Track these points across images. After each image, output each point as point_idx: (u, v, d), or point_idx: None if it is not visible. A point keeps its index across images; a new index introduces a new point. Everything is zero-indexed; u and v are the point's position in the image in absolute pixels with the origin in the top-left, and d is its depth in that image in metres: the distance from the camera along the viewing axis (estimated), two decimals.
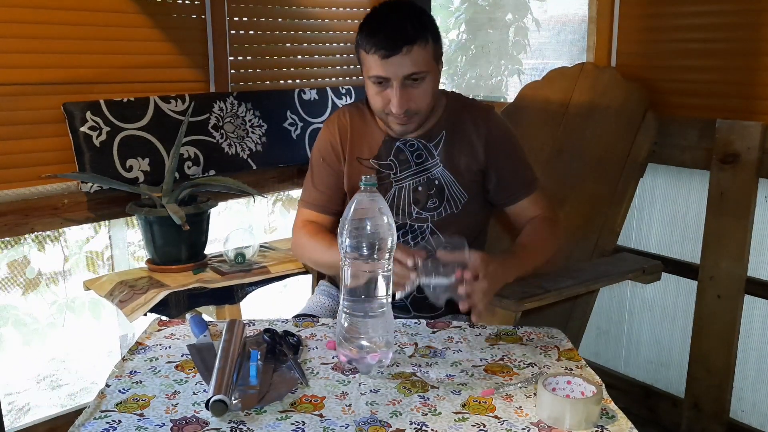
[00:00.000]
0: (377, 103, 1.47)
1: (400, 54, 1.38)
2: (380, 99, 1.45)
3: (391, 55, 1.38)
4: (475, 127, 1.56)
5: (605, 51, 2.30)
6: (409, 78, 1.41)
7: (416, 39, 1.39)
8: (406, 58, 1.38)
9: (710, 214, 2.05)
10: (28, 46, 2.05)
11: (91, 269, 3.32)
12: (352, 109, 1.63)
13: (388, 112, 1.46)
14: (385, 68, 1.40)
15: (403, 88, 1.41)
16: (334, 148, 1.59)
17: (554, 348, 1.26)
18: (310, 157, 1.65)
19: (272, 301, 2.94)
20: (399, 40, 1.38)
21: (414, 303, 1.60)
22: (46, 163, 2.10)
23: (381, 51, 1.38)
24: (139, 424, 0.99)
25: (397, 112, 1.43)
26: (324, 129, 1.64)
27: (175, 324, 1.37)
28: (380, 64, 1.40)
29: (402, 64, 1.39)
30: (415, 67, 1.40)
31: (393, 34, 1.39)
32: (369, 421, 1.00)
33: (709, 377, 2.10)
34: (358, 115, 1.61)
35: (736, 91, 2.02)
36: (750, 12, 1.97)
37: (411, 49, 1.38)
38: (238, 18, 2.49)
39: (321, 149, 1.62)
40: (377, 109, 1.48)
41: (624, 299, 2.45)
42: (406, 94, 1.42)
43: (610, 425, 0.99)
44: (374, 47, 1.39)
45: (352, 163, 1.58)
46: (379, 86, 1.44)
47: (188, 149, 2.31)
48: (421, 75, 1.41)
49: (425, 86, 1.44)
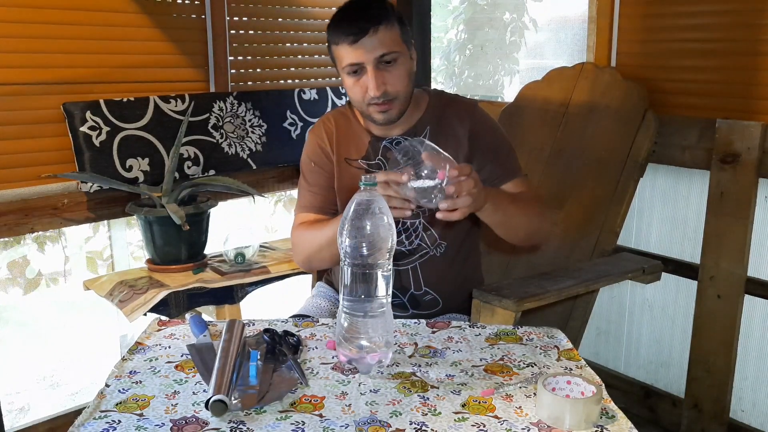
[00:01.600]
0: (356, 95, 1.47)
1: (368, 35, 1.39)
2: (358, 89, 1.45)
3: (359, 38, 1.40)
4: (460, 121, 1.56)
5: (605, 51, 2.30)
6: (381, 61, 1.41)
7: (381, 19, 1.40)
8: (374, 39, 1.40)
9: (710, 213, 2.05)
10: (28, 46, 2.05)
11: (91, 269, 3.32)
12: (336, 114, 1.64)
13: (368, 102, 1.46)
14: (355, 53, 1.41)
15: (378, 70, 1.42)
16: (324, 150, 1.60)
17: (554, 348, 1.26)
18: (301, 166, 1.64)
19: (272, 301, 2.94)
20: (364, 22, 1.40)
21: (411, 300, 1.60)
22: (46, 162, 2.11)
23: (349, 37, 1.40)
24: (138, 424, 0.99)
25: (374, 95, 1.43)
26: (311, 135, 1.65)
27: (174, 324, 1.37)
28: (350, 50, 1.41)
29: (372, 45, 1.40)
30: (385, 48, 1.41)
31: (357, 18, 1.41)
32: (369, 421, 1.00)
33: (709, 377, 2.10)
34: (343, 119, 1.62)
35: (736, 91, 2.02)
36: (750, 12, 1.97)
37: (378, 29, 1.40)
38: (237, 18, 2.49)
39: (310, 154, 1.62)
40: (357, 100, 1.49)
41: (624, 299, 2.45)
42: (381, 76, 1.42)
43: (609, 425, 0.99)
44: (342, 35, 1.42)
45: (340, 164, 1.58)
46: (354, 76, 1.44)
47: (188, 149, 2.31)
48: (392, 56, 1.42)
49: (399, 68, 1.44)
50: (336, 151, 1.59)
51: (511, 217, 1.44)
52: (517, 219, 1.46)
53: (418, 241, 1.58)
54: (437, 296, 1.61)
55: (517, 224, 1.47)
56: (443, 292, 1.62)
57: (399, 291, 1.59)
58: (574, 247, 2.12)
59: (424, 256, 1.59)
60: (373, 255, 1.10)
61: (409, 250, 1.58)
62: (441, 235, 1.59)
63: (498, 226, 1.45)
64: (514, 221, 1.46)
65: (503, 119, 2.41)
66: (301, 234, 1.56)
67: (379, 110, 1.47)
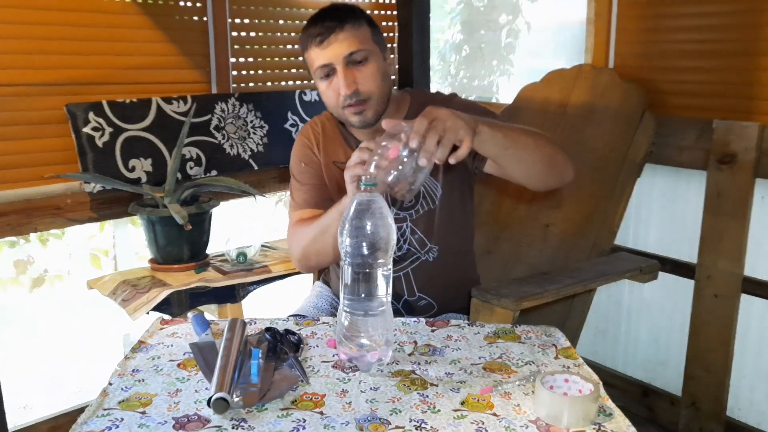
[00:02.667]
0: (330, 99, 1.46)
1: (334, 33, 1.39)
2: (331, 92, 1.44)
3: (326, 38, 1.40)
4: None
5: (603, 52, 2.31)
6: (350, 60, 1.41)
7: (347, 18, 1.41)
8: (341, 37, 1.39)
9: (708, 213, 2.06)
10: (32, 48, 2.06)
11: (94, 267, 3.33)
12: (323, 119, 1.64)
13: (342, 105, 1.44)
14: (324, 54, 1.41)
15: (348, 69, 1.41)
16: (312, 151, 1.60)
17: (552, 346, 1.27)
18: (291, 169, 1.63)
19: (273, 300, 2.96)
20: (330, 21, 1.40)
21: (406, 307, 1.60)
22: (49, 163, 2.12)
23: (317, 38, 1.41)
24: (141, 422, 1.00)
25: (345, 93, 1.41)
26: (298, 138, 1.64)
27: (177, 323, 1.38)
28: (319, 52, 1.41)
29: (339, 44, 1.40)
30: (353, 46, 1.40)
31: (324, 20, 1.41)
32: (369, 418, 1.01)
33: (707, 376, 2.11)
34: (329, 123, 1.62)
35: (734, 92, 2.03)
36: (748, 13, 1.97)
37: (344, 27, 1.40)
38: (239, 20, 2.50)
39: (299, 155, 1.61)
40: (332, 105, 1.47)
41: (622, 298, 2.46)
42: (351, 74, 1.41)
43: (607, 423, 0.99)
44: (310, 38, 1.42)
45: (328, 166, 1.58)
46: (326, 80, 1.44)
47: (190, 150, 2.33)
48: (362, 54, 1.41)
49: (370, 67, 1.43)
50: (323, 154, 1.59)
51: (515, 138, 1.29)
52: (524, 139, 1.31)
53: (407, 246, 1.57)
54: (432, 301, 1.61)
55: (527, 146, 1.31)
56: (438, 296, 1.61)
57: (393, 298, 1.54)
58: (573, 247, 2.13)
59: (416, 262, 1.58)
60: (373, 254, 1.10)
61: (399, 257, 1.57)
62: (430, 238, 1.57)
63: (506, 151, 1.28)
64: (522, 142, 1.30)
65: (503, 120, 2.41)
66: (295, 231, 1.53)
67: (353, 111, 1.44)
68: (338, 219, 1.31)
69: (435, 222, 1.57)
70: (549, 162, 1.36)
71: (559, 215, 2.17)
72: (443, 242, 1.58)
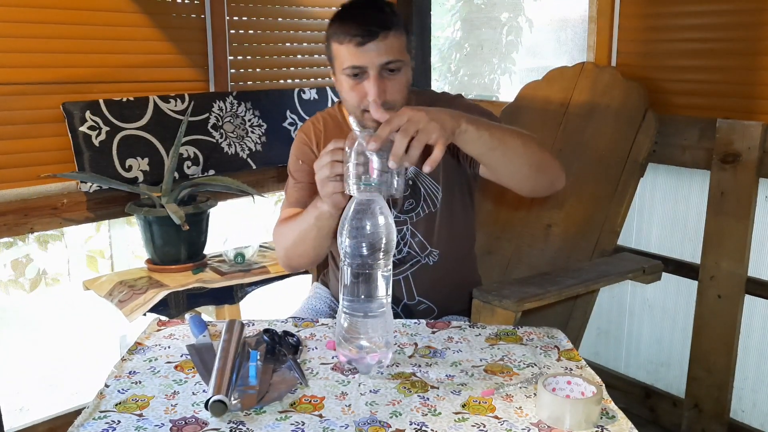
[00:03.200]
0: (352, 99, 1.39)
1: (376, 40, 1.32)
2: (355, 94, 1.38)
3: (367, 42, 1.32)
4: None
5: (605, 50, 2.30)
6: (385, 68, 1.35)
7: (392, 25, 1.34)
8: (382, 44, 1.33)
9: (710, 213, 2.05)
10: (28, 46, 2.05)
11: (92, 268, 3.32)
12: (325, 116, 1.60)
13: (364, 108, 1.39)
14: (360, 56, 1.34)
15: (381, 78, 1.35)
16: (311, 150, 1.56)
17: (554, 348, 1.26)
18: (288, 167, 1.60)
19: (272, 301, 2.94)
20: (375, 26, 1.33)
21: (405, 311, 1.58)
22: (46, 162, 2.11)
23: (356, 38, 1.33)
24: (138, 425, 0.99)
25: (374, 99, 1.35)
26: (298, 135, 1.60)
27: (174, 324, 1.37)
28: (355, 52, 1.34)
29: (378, 51, 1.33)
30: (392, 55, 1.34)
31: (368, 19, 1.33)
32: (369, 421, 1.00)
33: (710, 377, 2.10)
34: (331, 121, 1.58)
35: (737, 91, 2.02)
36: (750, 12, 1.96)
37: (387, 35, 1.33)
38: (237, 17, 2.49)
39: (297, 153, 1.58)
40: (352, 105, 1.41)
41: (624, 299, 2.45)
42: (383, 84, 1.35)
43: (610, 425, 0.99)
44: (348, 35, 1.33)
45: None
46: (354, 79, 1.37)
47: (188, 149, 2.31)
48: (397, 64, 1.36)
49: (401, 78, 1.38)
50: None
51: (502, 139, 1.24)
52: (512, 141, 1.25)
53: (408, 249, 1.55)
54: (432, 305, 1.59)
55: (514, 148, 1.26)
56: (438, 300, 1.59)
57: (392, 302, 1.52)
58: (575, 247, 2.11)
59: (416, 265, 1.56)
60: (373, 255, 1.09)
61: (399, 260, 1.55)
62: (431, 242, 1.55)
63: (492, 152, 1.25)
64: (509, 143, 1.25)
65: (503, 119, 2.40)
66: (279, 231, 1.49)
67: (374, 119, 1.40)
68: (315, 224, 1.32)
69: (436, 225, 1.55)
70: (538, 166, 1.32)
71: (561, 215, 2.16)
72: (444, 246, 1.56)
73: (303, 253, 1.42)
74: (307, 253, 1.42)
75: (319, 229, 1.33)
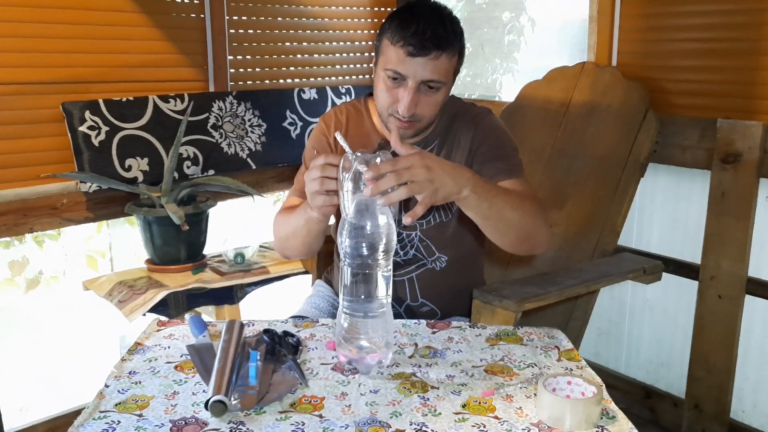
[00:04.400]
0: (384, 99, 1.39)
1: (427, 57, 1.31)
2: (389, 96, 1.37)
3: (418, 55, 1.31)
4: (465, 131, 1.50)
5: (606, 50, 2.29)
6: (426, 83, 1.34)
7: (447, 47, 1.32)
8: (431, 62, 1.32)
9: (711, 214, 2.05)
10: (27, 46, 2.05)
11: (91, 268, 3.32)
12: (350, 108, 1.58)
13: (392, 112, 1.38)
14: (406, 65, 1.32)
15: (417, 92, 1.34)
16: (328, 142, 1.55)
17: (554, 348, 1.25)
18: (304, 154, 1.59)
19: (271, 301, 2.94)
20: (432, 43, 1.30)
21: (408, 312, 1.57)
22: (45, 162, 2.10)
23: (409, 47, 1.31)
24: (138, 425, 0.98)
25: (403, 113, 1.36)
26: (319, 124, 1.59)
27: (174, 324, 1.36)
28: (403, 59, 1.32)
29: (425, 67, 1.32)
30: (437, 75, 1.33)
31: (427, 33, 1.31)
32: (369, 421, 0.99)
33: (710, 378, 2.10)
34: (355, 115, 1.56)
35: (737, 91, 2.02)
36: (751, 11, 1.96)
37: (440, 55, 1.32)
38: (237, 17, 2.49)
39: (314, 142, 1.57)
40: (382, 105, 1.40)
41: (625, 299, 2.45)
42: (417, 98, 1.35)
43: (610, 426, 0.98)
44: (403, 40, 1.31)
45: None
46: (392, 82, 1.35)
47: (187, 149, 2.31)
48: (438, 84, 1.35)
49: (437, 96, 1.37)
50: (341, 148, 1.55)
51: (500, 211, 1.25)
52: (508, 214, 1.26)
53: (414, 252, 1.54)
54: (435, 308, 1.58)
55: (509, 221, 1.28)
56: (442, 303, 1.58)
57: (395, 302, 1.54)
58: (575, 247, 2.11)
59: (421, 268, 1.55)
60: (373, 255, 1.09)
61: (404, 261, 1.54)
62: (440, 248, 1.54)
63: (486, 221, 1.27)
64: (505, 216, 1.26)
65: (504, 119, 2.40)
66: (278, 220, 1.49)
67: (398, 125, 1.39)
68: (305, 225, 1.33)
69: (448, 233, 1.54)
70: (525, 238, 1.34)
71: (561, 215, 2.16)
72: (453, 252, 1.56)
73: (294, 246, 1.46)
74: (298, 247, 1.45)
75: (309, 230, 1.36)
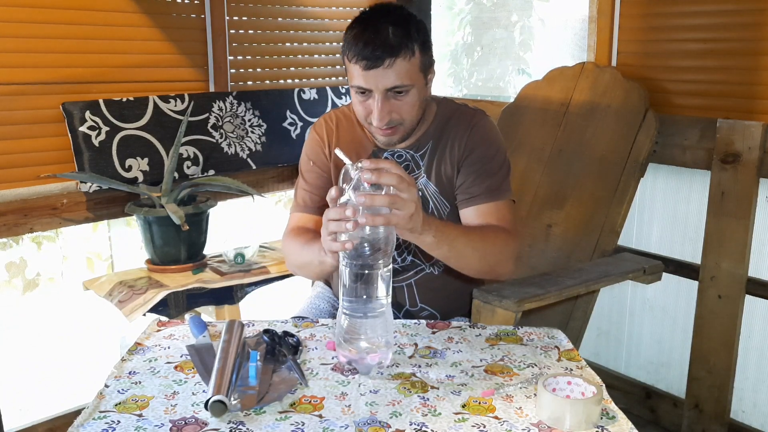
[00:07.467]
0: (360, 113, 1.41)
1: (382, 67, 1.31)
2: (362, 109, 1.39)
3: (373, 67, 1.31)
4: (459, 134, 1.49)
5: (606, 50, 2.29)
6: (391, 90, 1.35)
7: (399, 51, 1.31)
8: (388, 71, 1.32)
9: (711, 214, 2.05)
10: (27, 46, 2.05)
11: (90, 269, 3.31)
12: (339, 114, 1.58)
13: (370, 122, 1.40)
14: (366, 80, 1.33)
15: (386, 100, 1.35)
16: (323, 151, 1.55)
17: (554, 348, 1.25)
18: (300, 164, 1.59)
19: (272, 301, 2.94)
20: (381, 52, 1.31)
21: (407, 317, 1.57)
22: (45, 162, 2.10)
23: (362, 62, 1.32)
24: (138, 425, 0.99)
25: (377, 125, 1.37)
26: (311, 133, 1.59)
27: (174, 324, 1.36)
28: (362, 75, 1.33)
29: (384, 76, 1.32)
30: (398, 80, 1.33)
31: (375, 45, 1.31)
32: (369, 421, 0.99)
33: (710, 378, 2.10)
34: (345, 122, 1.56)
35: (737, 91, 2.02)
36: (751, 12, 1.96)
37: (393, 62, 1.31)
38: (237, 17, 2.49)
39: (309, 153, 1.57)
40: (361, 117, 1.42)
41: (624, 299, 2.45)
42: (388, 105, 1.35)
43: (610, 426, 0.98)
44: (356, 57, 1.33)
45: (338, 167, 1.55)
46: (362, 95, 1.37)
47: (187, 149, 2.31)
48: (404, 88, 1.35)
49: (409, 99, 1.37)
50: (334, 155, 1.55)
51: (460, 252, 1.30)
52: (468, 253, 1.32)
53: (411, 258, 1.53)
54: (435, 312, 1.57)
55: (468, 258, 1.34)
56: (441, 307, 1.57)
57: (394, 308, 1.53)
58: (575, 248, 2.11)
59: (420, 273, 1.54)
60: (373, 255, 1.09)
61: (402, 267, 1.54)
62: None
63: (445, 259, 1.33)
64: (465, 255, 1.32)
65: (504, 119, 2.40)
66: (291, 242, 1.49)
67: (381, 134, 1.41)
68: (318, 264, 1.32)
69: None
70: (485, 271, 1.42)
71: (561, 215, 2.16)
72: None
73: (308, 274, 1.57)
74: (312, 275, 1.59)
75: (323, 270, 1.42)
